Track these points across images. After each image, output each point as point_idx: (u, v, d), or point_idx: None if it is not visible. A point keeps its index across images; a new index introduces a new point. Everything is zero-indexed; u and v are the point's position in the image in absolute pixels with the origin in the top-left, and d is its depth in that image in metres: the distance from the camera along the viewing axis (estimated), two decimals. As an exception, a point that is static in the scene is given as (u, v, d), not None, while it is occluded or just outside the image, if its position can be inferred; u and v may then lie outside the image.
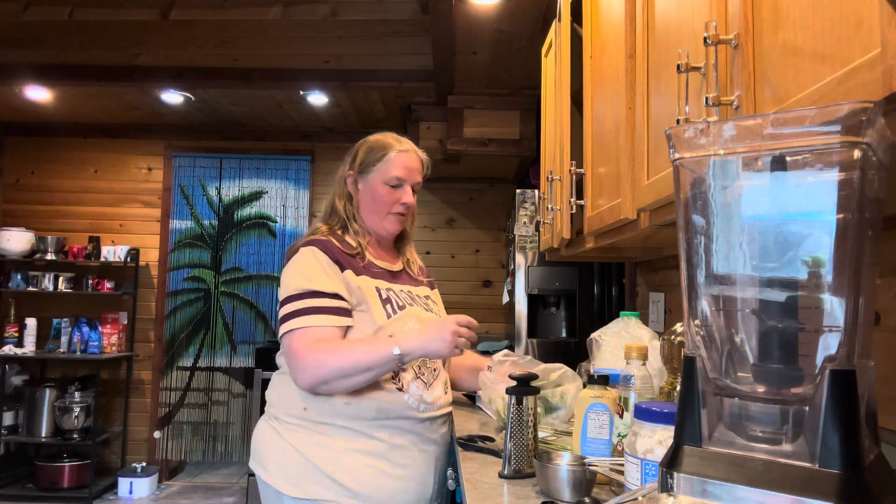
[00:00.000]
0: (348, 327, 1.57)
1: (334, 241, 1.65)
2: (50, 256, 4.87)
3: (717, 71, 0.93)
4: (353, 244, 1.68)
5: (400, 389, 1.58)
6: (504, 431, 1.44)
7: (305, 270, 1.58)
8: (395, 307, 1.64)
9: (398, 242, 1.84)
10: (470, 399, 2.12)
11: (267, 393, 1.70)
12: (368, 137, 1.77)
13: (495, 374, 1.76)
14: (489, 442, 1.60)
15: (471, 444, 1.60)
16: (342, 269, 1.60)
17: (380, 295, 1.63)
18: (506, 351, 1.88)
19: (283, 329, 1.56)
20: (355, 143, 1.81)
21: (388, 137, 1.76)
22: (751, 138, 0.70)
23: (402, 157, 1.71)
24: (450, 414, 1.74)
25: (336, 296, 1.57)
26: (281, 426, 1.60)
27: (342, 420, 1.54)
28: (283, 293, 1.59)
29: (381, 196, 1.70)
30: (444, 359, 1.57)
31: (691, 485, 0.70)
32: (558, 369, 1.74)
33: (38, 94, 4.40)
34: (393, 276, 1.73)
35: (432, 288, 1.88)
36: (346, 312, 1.58)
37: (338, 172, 1.79)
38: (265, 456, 1.61)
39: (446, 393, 1.71)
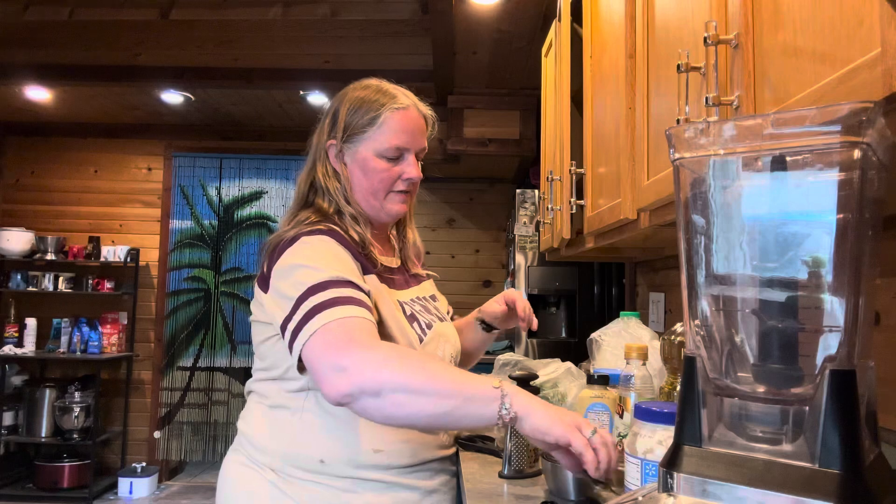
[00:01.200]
0: None
1: (340, 231, 1.23)
2: (50, 256, 4.87)
3: (717, 71, 0.93)
4: (357, 237, 1.26)
5: None
6: (504, 432, 1.44)
7: (321, 258, 1.15)
8: (424, 326, 1.26)
9: (394, 227, 1.42)
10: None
11: (244, 427, 1.27)
12: (349, 90, 1.32)
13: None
14: (489, 442, 1.60)
15: (471, 444, 1.60)
16: (364, 272, 1.21)
17: (403, 310, 1.25)
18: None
19: (303, 337, 1.06)
20: None
21: (376, 90, 1.30)
22: (751, 138, 0.70)
23: (399, 117, 1.27)
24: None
25: (369, 294, 1.16)
26: (283, 481, 1.18)
27: (372, 472, 1.18)
28: (288, 300, 1.11)
29: (376, 172, 1.27)
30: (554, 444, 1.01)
31: (691, 485, 0.70)
32: (551, 363, 1.74)
33: (38, 94, 4.40)
34: (394, 277, 1.33)
35: (428, 277, 1.50)
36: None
37: (314, 138, 1.34)
38: None
39: None
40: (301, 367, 1.11)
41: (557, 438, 0.98)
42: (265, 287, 1.20)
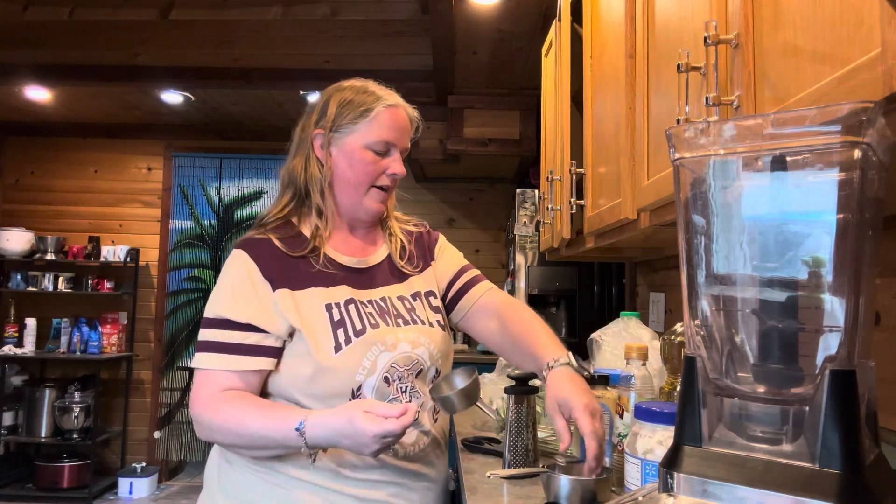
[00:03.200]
0: (269, 370, 1.22)
1: (275, 239, 1.26)
2: (50, 256, 4.87)
3: (718, 71, 0.93)
4: (308, 234, 1.30)
5: None
6: (504, 431, 1.44)
7: (226, 287, 1.25)
8: (351, 333, 1.22)
9: (379, 223, 1.42)
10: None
11: None
12: (337, 86, 1.35)
13: (494, 374, 1.76)
14: (495, 444, 1.60)
15: (477, 445, 1.61)
16: (275, 286, 1.22)
17: (330, 316, 1.23)
18: None
19: (192, 363, 1.27)
20: None
21: (368, 86, 1.34)
22: (751, 138, 0.70)
23: (390, 113, 1.30)
24: (448, 434, 1.40)
25: (249, 327, 1.20)
26: (229, 467, 1.27)
27: (296, 471, 1.20)
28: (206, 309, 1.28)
29: (362, 165, 1.28)
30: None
31: (691, 485, 0.70)
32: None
33: (38, 94, 4.40)
34: (362, 276, 1.31)
35: (425, 266, 1.41)
36: (265, 351, 1.21)
37: (296, 132, 1.37)
38: (216, 500, 1.30)
39: (436, 421, 1.31)
40: None
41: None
42: None
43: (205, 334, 1.23)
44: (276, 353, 1.22)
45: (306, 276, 1.25)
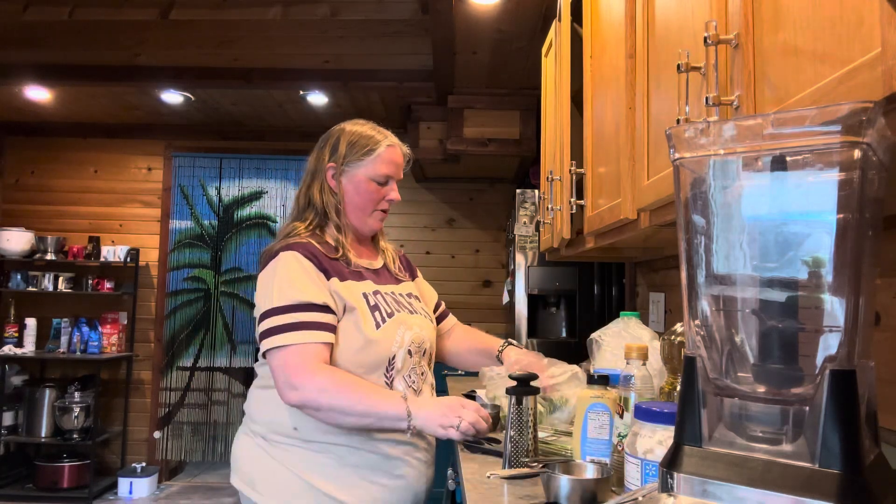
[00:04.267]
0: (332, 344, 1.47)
1: (315, 243, 1.53)
2: (50, 256, 4.87)
3: (718, 71, 0.93)
4: (333, 243, 1.57)
5: None
6: (504, 431, 1.44)
7: (293, 279, 1.47)
8: (384, 315, 1.53)
9: (374, 236, 1.74)
10: (470, 398, 2.12)
11: (246, 406, 1.61)
12: (345, 127, 1.64)
13: (502, 368, 1.76)
14: (495, 444, 1.60)
15: (477, 445, 1.61)
16: (328, 276, 1.50)
17: (367, 302, 1.53)
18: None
19: (270, 343, 1.43)
20: None
21: (370, 129, 1.64)
22: (751, 138, 0.70)
23: (390, 152, 1.61)
24: None
25: (326, 308, 1.46)
26: (269, 445, 1.50)
27: (334, 437, 1.46)
28: (266, 303, 1.46)
29: (367, 193, 1.59)
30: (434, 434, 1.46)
31: (691, 485, 0.70)
32: (558, 365, 1.73)
33: (38, 94, 4.40)
34: (376, 276, 1.63)
35: (413, 278, 1.79)
36: (333, 328, 1.47)
37: (310, 162, 1.65)
38: (253, 475, 1.51)
39: (433, 396, 1.63)
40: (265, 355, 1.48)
41: (444, 437, 1.43)
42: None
43: (285, 318, 1.43)
44: (336, 330, 1.48)
45: (344, 272, 1.54)
